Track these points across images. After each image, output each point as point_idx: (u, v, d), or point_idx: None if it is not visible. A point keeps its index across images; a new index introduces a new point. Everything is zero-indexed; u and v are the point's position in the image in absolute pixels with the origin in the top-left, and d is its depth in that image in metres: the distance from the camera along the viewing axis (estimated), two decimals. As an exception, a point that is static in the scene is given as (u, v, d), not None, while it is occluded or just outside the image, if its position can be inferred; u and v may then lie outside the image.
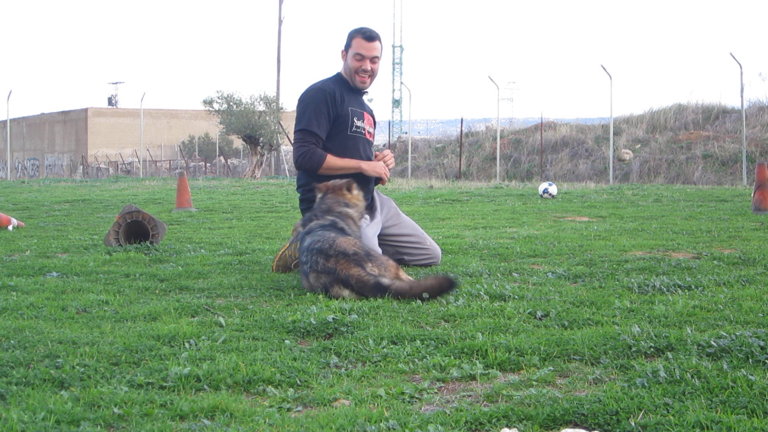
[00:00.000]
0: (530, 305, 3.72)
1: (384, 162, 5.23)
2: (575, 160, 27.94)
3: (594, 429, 2.20)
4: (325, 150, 5.05)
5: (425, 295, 3.89)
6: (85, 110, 55.60)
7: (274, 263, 5.04)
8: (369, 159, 5.21)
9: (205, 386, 2.59)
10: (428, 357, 2.89)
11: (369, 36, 5.11)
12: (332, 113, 5.05)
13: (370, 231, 4.97)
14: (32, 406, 2.35)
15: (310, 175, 5.10)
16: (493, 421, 2.26)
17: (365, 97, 5.37)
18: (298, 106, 5.16)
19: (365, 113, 5.23)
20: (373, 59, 5.13)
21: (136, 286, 4.44)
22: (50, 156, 57.91)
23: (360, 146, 5.17)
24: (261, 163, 30.65)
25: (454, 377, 2.69)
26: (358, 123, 5.15)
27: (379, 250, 4.77)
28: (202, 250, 6.01)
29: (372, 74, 5.17)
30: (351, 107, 5.12)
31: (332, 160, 5.01)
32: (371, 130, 5.30)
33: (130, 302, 3.97)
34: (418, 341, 3.09)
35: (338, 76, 5.22)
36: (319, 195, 4.74)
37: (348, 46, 5.15)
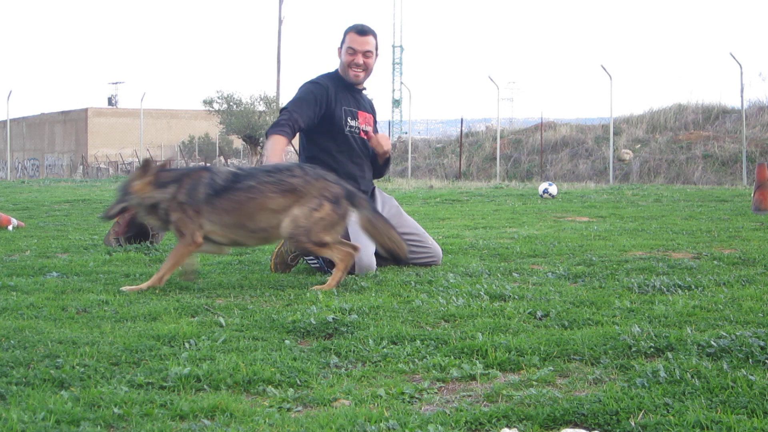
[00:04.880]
0: (530, 305, 3.72)
1: (379, 141, 5.29)
2: (575, 160, 27.94)
3: (594, 429, 2.20)
4: (325, 148, 5.20)
5: None
6: (85, 110, 55.55)
7: (272, 262, 5.05)
8: (362, 156, 5.30)
9: (205, 386, 2.59)
10: (428, 357, 2.90)
11: (361, 30, 5.21)
12: (322, 105, 5.11)
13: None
14: (32, 406, 2.35)
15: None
16: (493, 421, 2.26)
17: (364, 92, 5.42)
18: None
19: (360, 112, 5.29)
20: (366, 53, 5.20)
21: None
22: (50, 156, 57.86)
23: (354, 144, 5.26)
24: (261, 163, 30.65)
25: (454, 377, 2.69)
26: (352, 123, 5.24)
27: (370, 245, 4.77)
28: (202, 250, 6.00)
29: (366, 68, 5.25)
30: (345, 107, 5.21)
31: (270, 143, 5.12)
32: (367, 128, 5.32)
33: (130, 302, 3.96)
34: (418, 341, 3.09)
35: (335, 72, 5.32)
36: None
37: (342, 42, 5.26)
